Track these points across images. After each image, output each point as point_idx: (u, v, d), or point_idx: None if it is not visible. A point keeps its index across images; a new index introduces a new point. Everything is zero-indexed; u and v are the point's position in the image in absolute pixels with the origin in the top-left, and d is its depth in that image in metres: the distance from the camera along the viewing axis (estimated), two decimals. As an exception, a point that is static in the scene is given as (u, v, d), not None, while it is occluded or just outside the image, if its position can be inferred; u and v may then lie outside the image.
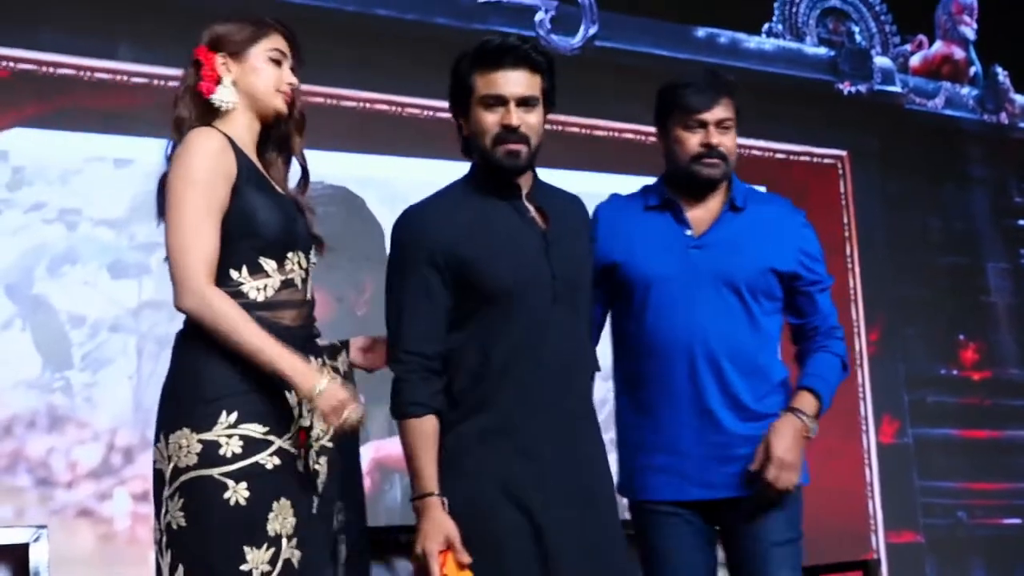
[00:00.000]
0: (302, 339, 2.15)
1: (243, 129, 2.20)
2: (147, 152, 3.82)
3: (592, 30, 4.76)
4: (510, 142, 2.23)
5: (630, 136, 4.53)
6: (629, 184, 2.68)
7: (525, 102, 2.24)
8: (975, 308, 5.49)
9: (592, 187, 2.55)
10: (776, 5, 5.28)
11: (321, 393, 2.02)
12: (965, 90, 5.65)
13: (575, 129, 4.56)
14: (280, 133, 2.26)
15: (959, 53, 5.67)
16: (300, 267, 2.17)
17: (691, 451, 2.39)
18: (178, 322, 2.11)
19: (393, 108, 4.28)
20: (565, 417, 2.23)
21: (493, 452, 2.19)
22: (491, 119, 2.23)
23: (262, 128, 2.25)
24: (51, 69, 3.82)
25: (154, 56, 3.91)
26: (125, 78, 3.91)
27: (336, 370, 2.25)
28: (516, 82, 2.24)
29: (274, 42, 2.22)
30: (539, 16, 4.69)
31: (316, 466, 2.14)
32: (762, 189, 2.89)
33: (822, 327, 2.49)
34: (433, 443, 2.18)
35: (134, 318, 3.74)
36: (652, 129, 2.53)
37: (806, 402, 2.41)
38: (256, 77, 2.20)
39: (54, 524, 3.35)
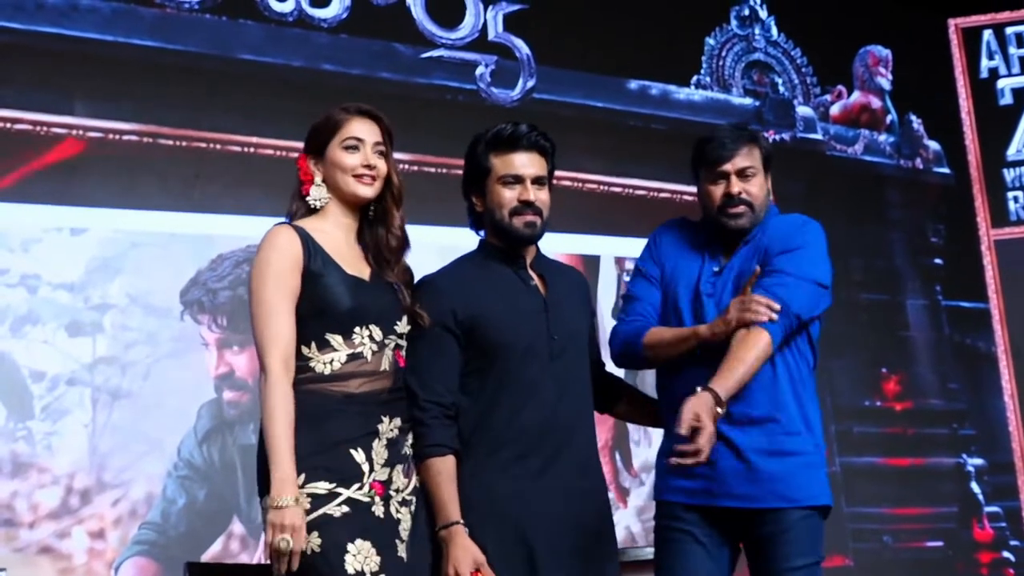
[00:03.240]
0: (371, 403, 2.30)
1: (334, 219, 2.36)
2: (100, 221, 3.99)
3: (530, 83, 4.87)
4: (527, 214, 2.46)
5: (568, 183, 4.52)
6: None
7: (539, 181, 2.48)
8: (896, 342, 5.57)
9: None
10: (704, 58, 5.38)
11: (277, 508, 2.15)
12: (882, 137, 5.77)
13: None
14: (381, 209, 2.40)
15: (876, 102, 5.79)
16: (372, 340, 2.31)
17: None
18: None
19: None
20: (565, 458, 2.42)
21: (498, 492, 2.38)
22: (509, 195, 2.46)
23: (364, 208, 2.38)
24: (8, 125, 3.89)
25: (109, 110, 3.99)
26: (81, 132, 3.98)
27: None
28: (531, 163, 2.47)
29: (348, 130, 2.36)
30: (480, 70, 4.78)
31: (398, 515, 2.29)
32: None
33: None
34: (453, 478, 2.37)
35: (89, 372, 3.88)
36: (589, 176, 2.66)
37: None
38: (335, 171, 2.35)
39: (17, 561, 3.50)
